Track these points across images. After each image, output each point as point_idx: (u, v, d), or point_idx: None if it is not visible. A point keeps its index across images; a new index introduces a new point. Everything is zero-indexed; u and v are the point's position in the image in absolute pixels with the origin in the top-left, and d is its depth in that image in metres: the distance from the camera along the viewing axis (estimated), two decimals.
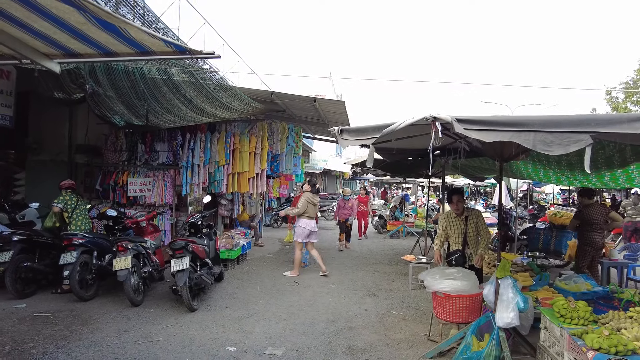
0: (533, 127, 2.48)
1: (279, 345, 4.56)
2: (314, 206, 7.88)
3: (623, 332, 3.33)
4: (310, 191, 7.94)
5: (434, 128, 2.69)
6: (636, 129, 2.25)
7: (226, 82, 6.38)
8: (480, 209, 19.61)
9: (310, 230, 7.78)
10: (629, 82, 23.03)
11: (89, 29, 2.64)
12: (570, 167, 4.87)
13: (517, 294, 3.90)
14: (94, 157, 8.76)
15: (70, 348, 4.27)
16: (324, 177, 28.15)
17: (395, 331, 5.08)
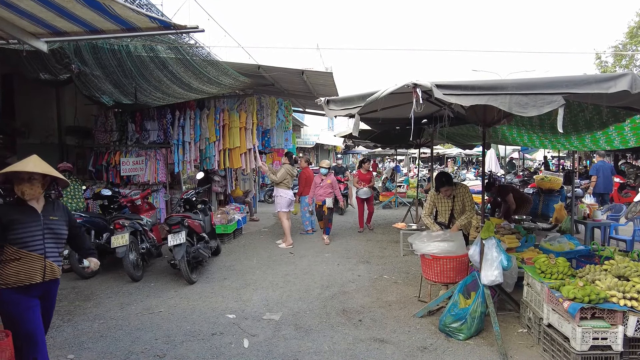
0: (509, 90, 2.59)
1: (277, 310, 4.77)
2: (291, 177, 8.41)
3: (597, 283, 3.55)
4: (289, 163, 8.40)
5: (415, 95, 2.79)
6: (604, 88, 2.36)
7: (213, 57, 6.35)
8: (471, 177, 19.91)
9: (291, 199, 8.24)
10: (619, 46, 23.03)
11: (75, 7, 2.67)
12: (553, 131, 5.00)
13: (500, 253, 4.10)
14: (84, 139, 8.74)
15: (76, 322, 4.45)
16: (316, 152, 28.18)
17: (387, 294, 5.31)
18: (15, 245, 2.71)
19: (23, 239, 2.73)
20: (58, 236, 2.92)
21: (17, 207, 2.79)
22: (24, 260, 2.73)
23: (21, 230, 2.72)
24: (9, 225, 2.70)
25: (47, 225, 2.85)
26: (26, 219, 2.76)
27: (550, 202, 9.17)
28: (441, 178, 5.36)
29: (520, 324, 4.35)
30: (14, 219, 2.72)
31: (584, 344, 3.23)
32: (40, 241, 2.79)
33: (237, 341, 4.00)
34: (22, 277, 2.72)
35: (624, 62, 22.52)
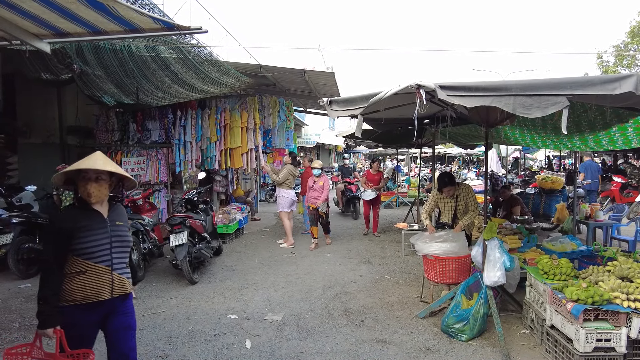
0: (513, 91, 2.58)
1: (279, 311, 4.77)
2: (293, 177, 8.36)
3: (600, 285, 3.54)
4: (291, 163, 8.37)
5: (419, 95, 2.78)
6: (609, 90, 2.36)
7: (214, 57, 6.35)
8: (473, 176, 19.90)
9: (293, 200, 8.20)
10: (620, 46, 22.98)
11: (78, 8, 2.66)
12: (555, 131, 4.98)
13: (503, 254, 4.09)
14: (85, 138, 8.74)
15: None
16: (317, 151, 28.16)
17: (389, 294, 5.31)
18: (80, 256, 2.36)
19: (89, 249, 2.38)
20: (125, 244, 2.57)
21: (81, 211, 2.43)
22: (91, 273, 2.38)
23: (88, 238, 2.37)
24: (75, 232, 2.34)
25: (114, 232, 2.50)
26: (93, 225, 2.41)
27: (552, 202, 9.16)
28: (444, 178, 5.35)
29: (522, 325, 4.34)
30: (81, 225, 2.36)
31: (587, 346, 3.22)
32: (107, 251, 2.44)
33: (239, 342, 4.00)
34: (88, 292, 2.38)
35: (625, 61, 22.48)
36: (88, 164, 2.38)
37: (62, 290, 2.35)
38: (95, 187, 2.40)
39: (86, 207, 2.45)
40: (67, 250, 2.35)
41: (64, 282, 2.36)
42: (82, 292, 2.38)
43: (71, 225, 2.35)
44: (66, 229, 2.35)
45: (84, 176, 2.39)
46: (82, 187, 2.40)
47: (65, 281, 2.37)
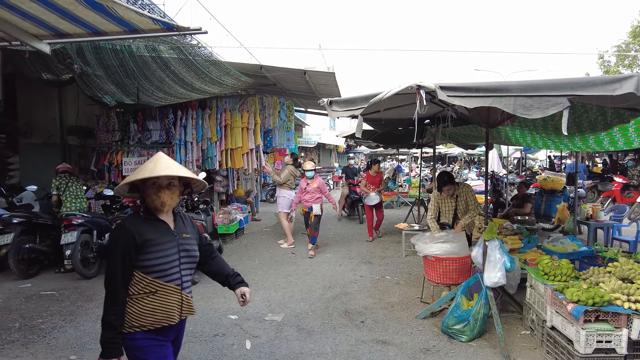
0: (513, 92, 2.57)
1: (279, 311, 4.76)
2: (294, 178, 8.36)
3: (601, 286, 3.53)
4: (292, 164, 8.38)
5: (419, 96, 2.78)
6: (610, 90, 2.35)
7: (215, 57, 6.35)
8: (474, 176, 19.88)
9: (292, 200, 8.16)
10: (622, 46, 22.95)
11: (77, 9, 2.65)
12: (556, 132, 4.97)
13: (504, 254, 4.08)
14: (86, 138, 8.76)
15: (79, 322, 4.45)
16: (318, 151, 28.17)
17: (389, 295, 5.30)
18: (150, 274, 2.06)
19: (160, 266, 2.07)
20: (192, 260, 2.27)
21: (148, 222, 2.12)
22: (161, 293, 2.08)
23: (158, 253, 2.07)
24: (144, 247, 2.04)
25: (183, 245, 2.19)
26: (161, 238, 2.10)
27: (552, 203, 9.15)
28: (443, 177, 5.34)
29: (523, 326, 4.33)
30: (150, 238, 2.06)
31: (588, 347, 3.21)
32: (177, 268, 2.14)
33: (239, 342, 4.00)
34: (158, 316, 2.07)
35: (626, 61, 22.45)
36: (162, 169, 2.06)
37: (127, 314, 2.05)
38: (168, 194, 2.12)
39: (151, 217, 2.14)
40: (134, 266, 2.05)
41: (128, 305, 2.05)
42: (151, 316, 2.07)
43: (140, 238, 2.04)
44: (136, 241, 2.03)
45: (154, 182, 2.08)
46: (154, 196, 2.09)
47: (130, 303, 2.05)
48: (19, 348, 3.87)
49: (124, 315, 2.04)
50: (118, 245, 2.04)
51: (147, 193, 2.10)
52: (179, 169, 2.12)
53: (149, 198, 2.10)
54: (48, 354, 3.78)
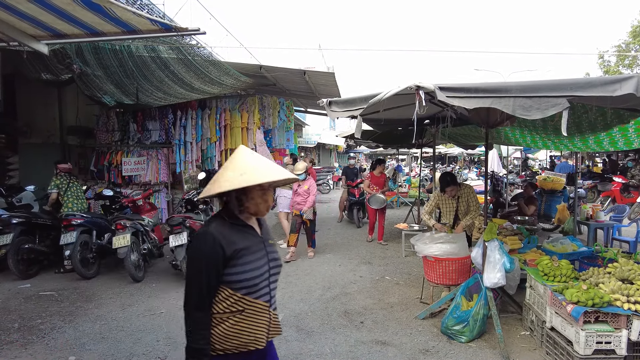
0: (512, 93, 2.57)
1: (278, 311, 4.72)
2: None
3: (601, 287, 3.53)
4: (292, 164, 8.34)
5: (418, 97, 2.77)
6: (609, 91, 2.34)
7: (214, 57, 6.35)
8: (473, 176, 19.87)
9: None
10: (622, 45, 22.93)
11: (75, 9, 2.65)
12: (556, 132, 4.97)
13: (503, 255, 4.07)
14: (86, 138, 8.76)
15: (78, 323, 4.45)
16: (318, 151, 28.16)
17: (388, 295, 5.30)
18: (240, 289, 1.76)
19: (251, 280, 1.78)
20: (279, 270, 1.99)
21: (235, 227, 1.83)
22: (249, 312, 1.79)
23: (249, 265, 1.78)
24: (233, 258, 1.75)
25: (271, 254, 1.92)
26: (252, 247, 1.83)
27: (552, 203, 9.15)
28: (446, 178, 5.34)
29: (522, 327, 4.33)
30: (241, 248, 1.78)
31: (588, 348, 3.20)
32: (267, 281, 1.86)
33: None
34: (244, 339, 1.79)
35: (627, 61, 22.44)
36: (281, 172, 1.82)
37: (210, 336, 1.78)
38: (271, 197, 1.88)
39: (238, 222, 1.85)
40: (220, 282, 1.77)
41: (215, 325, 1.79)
42: (237, 339, 1.78)
43: (231, 248, 1.75)
44: (224, 252, 1.74)
45: (261, 185, 1.81)
46: (259, 199, 1.83)
47: (212, 324, 1.78)
48: (18, 349, 3.87)
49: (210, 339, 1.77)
50: (204, 257, 1.73)
51: (250, 196, 1.81)
52: (287, 171, 1.90)
53: (252, 202, 1.82)
54: (47, 354, 3.77)
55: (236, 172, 1.75)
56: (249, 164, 1.78)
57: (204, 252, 1.74)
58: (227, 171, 1.77)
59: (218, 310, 1.77)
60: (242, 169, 1.76)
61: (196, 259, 1.77)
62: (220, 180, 1.76)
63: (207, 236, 1.76)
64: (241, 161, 1.79)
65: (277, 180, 1.82)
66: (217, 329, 1.78)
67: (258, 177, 1.74)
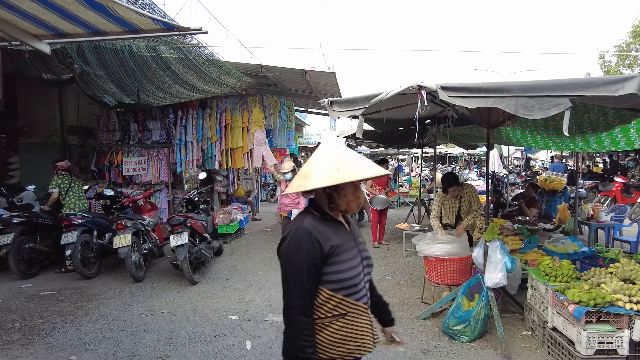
0: (515, 93, 2.57)
1: (279, 312, 4.73)
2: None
3: (602, 287, 3.52)
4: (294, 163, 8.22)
5: (420, 96, 2.77)
6: (612, 91, 2.34)
7: (215, 56, 6.34)
8: (474, 177, 19.87)
9: None
10: (622, 46, 22.92)
11: (77, 9, 2.65)
12: (557, 132, 4.97)
13: (505, 255, 4.07)
14: (87, 138, 8.76)
15: (79, 322, 4.45)
16: None
17: (390, 295, 5.29)
18: (339, 290, 1.63)
19: (350, 280, 1.64)
20: (371, 270, 1.86)
21: (327, 224, 1.70)
22: (352, 316, 1.66)
23: (347, 263, 1.65)
24: (331, 255, 1.62)
25: (363, 252, 1.79)
26: (347, 243, 1.70)
27: (553, 203, 9.14)
28: (448, 178, 5.34)
29: (524, 327, 4.32)
30: (337, 244, 1.64)
31: (590, 348, 3.20)
32: (363, 280, 1.73)
33: (239, 343, 3.99)
34: (350, 345, 1.66)
35: (627, 61, 22.42)
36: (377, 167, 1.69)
37: None
38: (362, 192, 1.77)
39: (328, 218, 1.73)
40: (319, 282, 1.63)
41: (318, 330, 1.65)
42: (343, 346, 1.65)
43: (327, 244, 1.62)
44: (322, 249, 1.60)
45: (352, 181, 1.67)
46: (351, 196, 1.71)
47: (315, 330, 1.64)
48: (19, 348, 3.87)
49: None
50: (302, 255, 1.58)
51: (342, 193, 1.69)
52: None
53: (343, 199, 1.70)
54: (48, 354, 3.77)
55: (331, 167, 1.63)
56: (342, 158, 1.66)
57: (303, 249, 1.59)
58: (321, 166, 1.64)
59: (319, 315, 1.63)
60: (336, 163, 1.63)
61: (295, 256, 1.60)
62: (313, 175, 1.63)
63: (303, 231, 1.62)
64: (334, 156, 1.67)
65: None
66: (321, 335, 1.64)
67: (354, 173, 1.61)
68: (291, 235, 1.64)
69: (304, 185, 1.65)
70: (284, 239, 1.66)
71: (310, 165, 1.70)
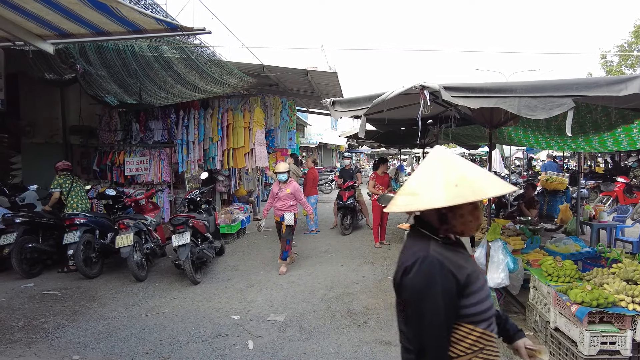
0: (517, 93, 2.56)
1: (281, 312, 4.76)
2: (297, 177, 8.29)
3: (605, 287, 3.52)
4: (294, 164, 8.47)
5: (423, 96, 2.77)
6: (615, 91, 2.33)
7: (217, 56, 6.35)
8: None
9: None
10: (624, 45, 22.88)
11: (82, 9, 2.66)
12: (559, 132, 4.96)
13: (507, 255, 4.07)
14: (89, 138, 8.78)
15: (81, 322, 4.45)
16: (320, 151, 28.15)
17: (391, 295, 5.28)
18: (479, 323, 1.45)
19: (488, 310, 1.47)
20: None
21: (451, 250, 1.50)
22: (489, 350, 1.48)
23: (481, 293, 1.47)
24: (468, 284, 1.43)
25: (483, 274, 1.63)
26: (475, 268, 1.52)
27: (555, 203, 9.13)
28: None
29: (526, 327, 4.31)
30: (470, 272, 1.46)
31: (592, 349, 3.19)
32: (492, 310, 1.53)
33: (241, 343, 3.99)
34: None
35: (629, 61, 22.39)
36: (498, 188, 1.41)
37: None
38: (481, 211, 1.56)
39: (449, 242, 1.52)
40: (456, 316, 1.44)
41: None
42: None
43: (463, 273, 1.43)
44: (457, 280, 1.41)
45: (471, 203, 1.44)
46: (470, 216, 1.47)
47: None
48: (22, 347, 3.88)
49: None
50: (437, 290, 1.38)
51: (459, 213, 1.46)
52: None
53: (460, 219, 1.47)
54: (51, 353, 3.78)
55: (448, 182, 1.39)
56: (461, 171, 1.42)
57: (437, 283, 1.38)
58: (433, 181, 1.41)
59: (457, 353, 1.44)
60: (453, 178, 1.39)
61: (428, 293, 1.38)
62: (425, 192, 1.40)
63: (433, 262, 1.41)
64: (449, 168, 1.43)
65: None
66: None
67: (481, 190, 1.37)
68: (418, 267, 1.41)
69: (414, 205, 1.41)
70: (407, 269, 1.44)
71: (417, 179, 1.47)
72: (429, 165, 1.47)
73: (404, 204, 1.45)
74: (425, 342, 1.40)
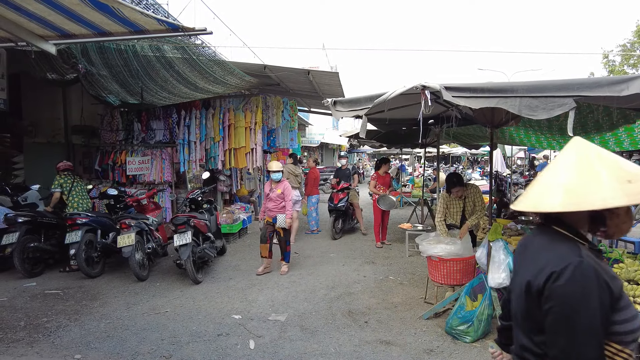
0: (518, 93, 2.56)
1: (282, 311, 4.77)
2: (295, 177, 8.34)
3: None
4: (292, 163, 8.52)
5: (424, 96, 2.77)
6: (616, 91, 2.33)
7: (219, 56, 6.36)
8: (477, 176, 19.83)
9: (296, 199, 8.15)
10: (626, 45, 22.83)
11: (83, 10, 2.67)
12: (561, 132, 4.96)
13: (508, 255, 4.06)
14: (90, 138, 8.80)
15: (83, 321, 4.47)
16: (321, 151, 28.16)
17: (392, 295, 5.29)
18: (629, 344, 1.28)
19: (635, 330, 1.28)
20: None
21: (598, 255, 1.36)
22: None
23: (632, 307, 1.31)
24: (620, 298, 1.28)
25: None
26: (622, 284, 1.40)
27: None
28: (452, 179, 5.32)
29: None
30: (622, 285, 1.33)
31: None
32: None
33: (243, 342, 4.00)
34: None
35: (632, 61, 22.33)
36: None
37: None
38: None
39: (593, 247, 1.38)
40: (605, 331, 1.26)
41: None
42: None
43: (616, 284, 1.28)
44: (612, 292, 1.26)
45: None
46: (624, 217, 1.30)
47: None
48: (24, 347, 3.89)
49: None
50: (594, 301, 1.22)
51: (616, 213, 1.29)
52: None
53: (615, 220, 1.30)
54: (53, 352, 3.80)
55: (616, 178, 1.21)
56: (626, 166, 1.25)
57: (594, 293, 1.22)
58: (601, 176, 1.23)
59: None
60: (623, 173, 1.22)
61: (585, 303, 1.21)
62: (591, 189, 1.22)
63: (589, 269, 1.24)
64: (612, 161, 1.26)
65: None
66: None
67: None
68: (571, 274, 1.24)
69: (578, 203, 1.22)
70: (557, 275, 1.26)
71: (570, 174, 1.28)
72: (583, 159, 1.27)
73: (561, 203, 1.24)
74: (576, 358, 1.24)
